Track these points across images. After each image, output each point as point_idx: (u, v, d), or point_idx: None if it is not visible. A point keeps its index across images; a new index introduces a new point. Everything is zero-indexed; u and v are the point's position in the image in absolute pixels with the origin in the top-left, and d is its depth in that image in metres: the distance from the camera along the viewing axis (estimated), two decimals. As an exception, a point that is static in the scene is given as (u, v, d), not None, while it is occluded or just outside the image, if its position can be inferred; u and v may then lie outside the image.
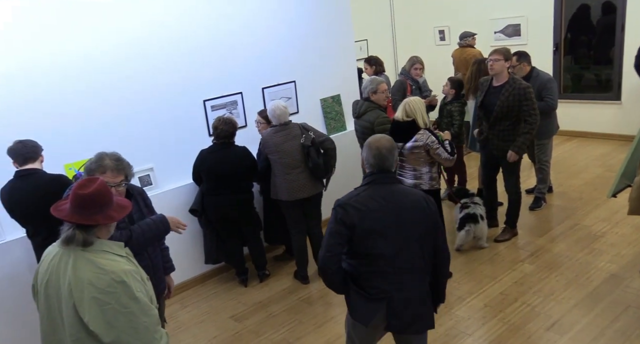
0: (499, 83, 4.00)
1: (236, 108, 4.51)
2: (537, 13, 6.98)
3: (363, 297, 2.23)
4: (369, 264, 2.21)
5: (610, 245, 4.11)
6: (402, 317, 2.23)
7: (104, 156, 2.37)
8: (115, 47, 3.75)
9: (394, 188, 2.25)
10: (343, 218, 2.16)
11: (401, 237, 2.19)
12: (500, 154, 4.12)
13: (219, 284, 4.33)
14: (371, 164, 2.26)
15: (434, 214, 2.27)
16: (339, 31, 5.17)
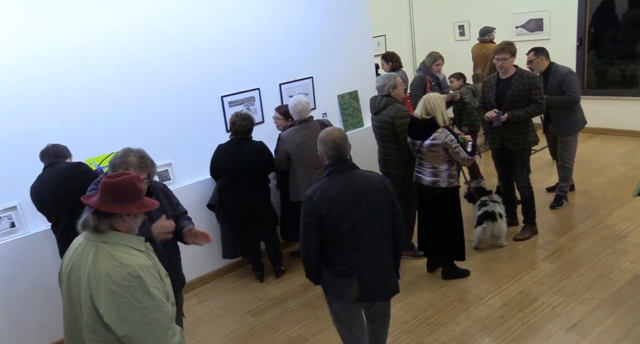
0: (507, 76, 4.04)
1: (253, 104, 4.51)
2: (560, 7, 6.82)
3: (335, 274, 2.51)
4: (338, 244, 2.47)
5: (634, 245, 4.00)
6: (371, 287, 2.51)
7: (129, 152, 2.40)
8: (135, 44, 3.78)
9: (353, 174, 2.51)
10: (312, 211, 2.44)
11: (364, 217, 2.45)
12: (514, 147, 4.11)
13: (236, 279, 4.36)
14: (330, 156, 2.49)
15: (391, 194, 2.54)
16: (357, 27, 5.13)
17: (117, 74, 3.73)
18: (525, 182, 4.27)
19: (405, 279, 4.00)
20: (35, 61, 3.38)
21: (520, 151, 4.14)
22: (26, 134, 3.37)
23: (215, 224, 4.25)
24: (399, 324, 3.44)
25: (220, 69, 4.26)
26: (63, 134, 3.50)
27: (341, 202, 2.43)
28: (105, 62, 3.66)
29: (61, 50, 3.47)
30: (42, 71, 3.41)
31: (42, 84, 3.42)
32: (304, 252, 2.54)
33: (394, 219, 2.56)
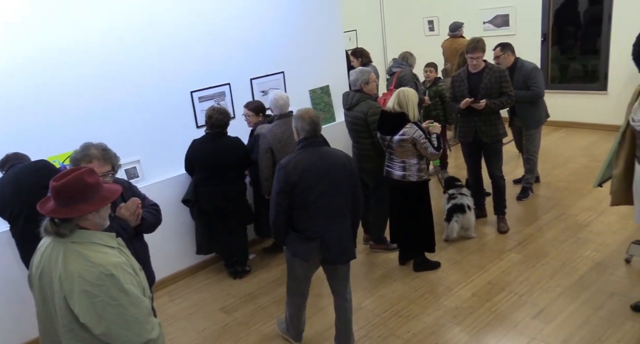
0: (477, 70, 4.15)
1: (224, 99, 4.46)
2: (525, 3, 6.99)
3: (302, 239, 2.81)
4: (306, 211, 2.76)
5: (595, 234, 4.16)
6: (333, 251, 2.82)
7: (90, 145, 2.34)
8: (100, 39, 3.68)
9: (324, 149, 2.81)
10: (286, 178, 2.70)
11: (330, 189, 2.76)
12: (488, 139, 4.22)
13: (209, 276, 4.32)
14: (307, 131, 2.78)
15: (353, 170, 2.86)
16: (328, 21, 5.13)
17: (82, 69, 3.62)
18: (500, 173, 4.39)
19: (378, 273, 4.06)
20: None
21: (494, 142, 4.26)
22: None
23: (187, 221, 4.21)
24: (372, 317, 3.49)
25: (189, 64, 4.19)
26: (25, 132, 3.38)
27: (312, 173, 2.71)
28: (68, 57, 3.55)
29: (24, 49, 3.34)
30: (5, 70, 3.28)
31: (4, 82, 3.29)
32: (274, 217, 2.80)
33: (354, 191, 2.87)
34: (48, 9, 3.42)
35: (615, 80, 6.40)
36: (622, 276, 3.55)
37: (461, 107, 4.14)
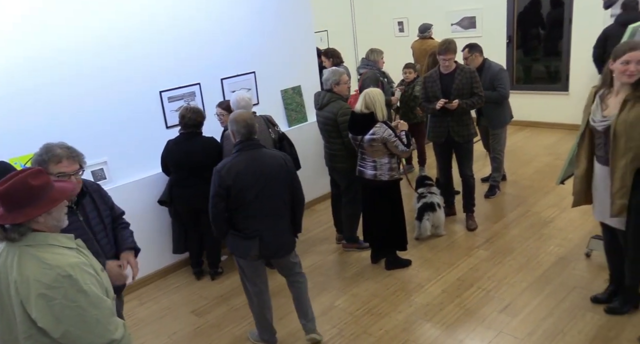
0: (449, 71, 4.22)
1: (194, 99, 4.41)
2: (490, 7, 7.17)
3: (240, 237, 2.94)
4: (244, 211, 2.89)
5: (558, 230, 4.32)
6: (270, 248, 2.98)
7: (53, 145, 2.25)
8: (66, 37, 3.58)
9: (259, 152, 2.91)
10: (220, 182, 2.84)
11: (267, 189, 2.88)
12: (460, 139, 4.31)
13: (180, 279, 4.27)
14: (242, 134, 2.89)
15: (291, 170, 2.99)
16: (299, 22, 5.14)
17: (45, 70, 3.51)
18: (470, 172, 4.50)
19: (351, 271, 4.10)
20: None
21: (466, 142, 4.35)
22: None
23: (159, 223, 4.15)
24: (344, 315, 3.52)
25: (158, 64, 4.13)
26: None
27: (247, 175, 2.84)
28: (33, 54, 3.44)
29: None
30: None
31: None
32: (213, 217, 2.94)
33: (293, 191, 3.01)
34: (13, 14, 3.31)
35: (576, 81, 6.65)
36: (582, 269, 3.69)
37: (437, 108, 4.19)
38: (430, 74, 4.37)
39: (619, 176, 2.70)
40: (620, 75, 2.64)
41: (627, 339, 2.94)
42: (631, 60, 2.58)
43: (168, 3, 4.13)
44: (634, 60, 2.57)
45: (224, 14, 4.52)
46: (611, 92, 2.77)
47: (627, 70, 2.61)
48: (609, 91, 2.78)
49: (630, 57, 2.58)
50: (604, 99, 2.79)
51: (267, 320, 3.22)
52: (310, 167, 5.04)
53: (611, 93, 2.77)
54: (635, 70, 2.59)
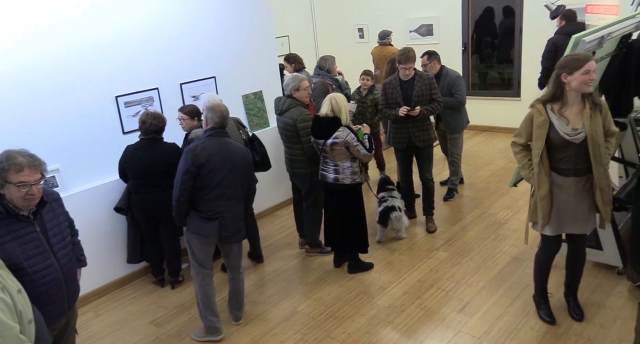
0: (408, 78, 4.31)
1: (152, 104, 4.32)
2: (447, 15, 7.41)
3: (203, 218, 3.13)
4: (208, 193, 3.10)
5: (512, 230, 4.50)
6: (229, 229, 3.19)
7: (14, 152, 2.14)
8: (18, 41, 3.43)
9: (227, 140, 3.19)
10: (193, 160, 3.03)
11: (231, 174, 3.13)
12: (421, 144, 4.40)
13: (138, 289, 4.15)
14: (216, 122, 3.15)
15: (250, 161, 3.29)
16: (259, 27, 5.13)
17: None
18: (430, 176, 4.61)
19: (313, 276, 4.11)
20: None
21: (427, 147, 4.45)
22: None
23: (114, 231, 4.03)
24: (307, 320, 3.52)
25: (114, 68, 4.02)
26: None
27: (217, 158, 3.08)
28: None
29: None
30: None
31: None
32: (178, 195, 3.09)
33: (249, 179, 3.31)
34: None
35: (527, 87, 6.95)
36: (535, 268, 3.86)
37: (400, 116, 4.25)
38: (390, 81, 4.43)
39: (605, 184, 2.80)
40: (582, 86, 2.70)
41: (575, 334, 3.09)
42: (590, 70, 2.69)
43: (125, 7, 4.03)
44: (592, 69, 2.69)
45: (182, 18, 4.46)
46: (564, 105, 2.80)
47: (589, 80, 2.69)
48: (561, 104, 2.80)
49: (590, 66, 2.68)
50: (561, 113, 2.81)
51: (212, 304, 3.35)
52: (272, 172, 5.02)
53: (565, 106, 2.80)
54: (594, 79, 2.71)
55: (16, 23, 3.44)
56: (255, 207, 4.57)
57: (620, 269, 3.59)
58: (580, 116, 2.78)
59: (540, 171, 2.86)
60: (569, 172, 2.87)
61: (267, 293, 3.94)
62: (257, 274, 4.24)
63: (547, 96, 2.85)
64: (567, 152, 2.83)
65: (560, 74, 2.75)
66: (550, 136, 2.81)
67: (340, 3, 8.48)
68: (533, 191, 2.97)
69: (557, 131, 2.80)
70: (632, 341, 2.96)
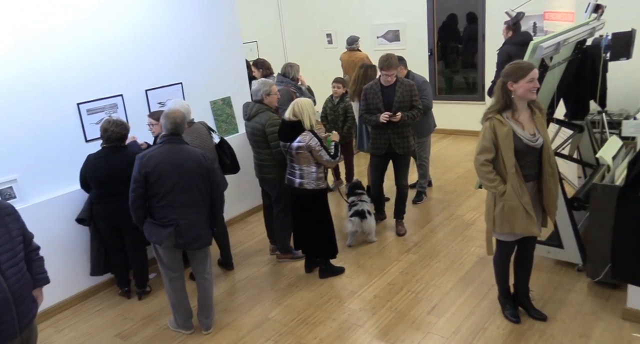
0: (389, 84, 4.29)
1: (116, 111, 4.22)
2: (413, 21, 7.55)
3: (157, 225, 3.16)
4: (161, 200, 3.13)
5: (479, 231, 4.60)
6: (186, 237, 3.19)
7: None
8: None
9: (181, 147, 3.20)
10: (140, 167, 3.09)
11: (184, 182, 3.13)
12: (401, 151, 4.40)
13: (102, 301, 4.04)
14: (169, 129, 3.18)
15: (209, 167, 3.26)
16: (227, 32, 5.10)
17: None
18: (406, 182, 4.63)
19: (285, 282, 4.09)
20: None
21: (406, 154, 4.45)
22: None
23: (75, 243, 3.91)
24: (279, 327, 3.50)
25: (75, 75, 3.92)
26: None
27: (166, 165, 3.10)
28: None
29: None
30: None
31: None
32: (131, 201, 3.16)
33: (212, 187, 3.27)
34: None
35: (491, 92, 7.14)
36: (501, 268, 3.95)
37: (382, 122, 4.19)
38: (371, 86, 4.36)
39: (552, 183, 2.90)
40: (527, 93, 2.79)
41: (539, 331, 3.18)
42: (534, 78, 2.78)
43: (86, 11, 3.94)
44: (535, 77, 2.79)
45: (146, 22, 4.39)
46: (515, 112, 2.85)
47: (534, 87, 2.78)
48: (512, 112, 2.86)
49: (534, 74, 2.78)
50: (516, 119, 2.85)
51: (184, 304, 3.43)
52: (241, 178, 4.99)
53: (516, 113, 2.85)
54: (537, 86, 2.81)
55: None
56: (225, 214, 4.52)
57: (580, 266, 3.72)
58: (531, 121, 2.87)
59: (519, 181, 2.84)
60: (531, 177, 2.93)
61: (237, 300, 3.89)
62: (228, 281, 4.18)
63: (499, 106, 2.87)
64: (529, 158, 2.87)
65: (506, 82, 2.81)
66: (515, 144, 2.82)
67: (308, 9, 8.53)
68: (495, 202, 2.95)
69: (519, 138, 2.83)
70: (592, 336, 3.07)
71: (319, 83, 6.23)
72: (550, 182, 2.93)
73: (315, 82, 6.10)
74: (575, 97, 4.25)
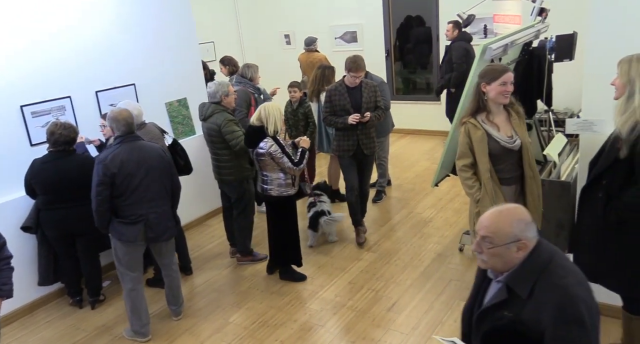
0: (355, 85, 4.24)
1: (64, 114, 4.05)
2: (370, 22, 7.65)
3: (126, 223, 3.17)
4: (128, 198, 3.14)
5: (436, 228, 4.71)
6: (156, 230, 3.24)
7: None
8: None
9: (139, 144, 3.21)
10: (105, 171, 3.06)
11: (149, 176, 3.17)
12: (369, 152, 4.37)
13: (52, 312, 3.87)
14: (122, 131, 3.16)
15: (169, 159, 3.36)
16: (181, 32, 4.99)
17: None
18: (369, 182, 4.63)
19: (245, 285, 4.04)
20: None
21: (372, 154, 4.44)
22: None
23: (21, 251, 3.71)
24: (240, 330, 3.46)
25: (17, 75, 3.73)
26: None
27: (131, 163, 3.10)
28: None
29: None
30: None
31: None
32: (96, 206, 3.11)
33: (172, 179, 3.34)
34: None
35: (444, 92, 7.33)
36: (457, 263, 4.06)
37: (352, 124, 4.11)
38: (336, 88, 4.27)
39: (535, 186, 2.88)
40: (499, 96, 2.78)
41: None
42: (507, 81, 2.76)
43: (30, 7, 3.75)
44: (508, 81, 2.77)
45: (97, 22, 4.24)
46: (490, 114, 2.84)
47: (505, 91, 2.77)
48: (487, 114, 2.84)
49: (507, 78, 2.76)
50: (492, 121, 2.83)
51: (141, 311, 3.37)
52: (200, 181, 4.90)
53: (491, 115, 2.84)
54: (510, 90, 2.79)
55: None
56: (183, 218, 4.41)
57: None
58: (508, 123, 2.84)
59: (494, 186, 2.84)
60: (510, 181, 2.89)
61: (196, 305, 3.81)
62: (186, 287, 4.09)
63: (473, 108, 2.86)
64: (508, 161, 2.85)
65: (480, 83, 2.81)
66: (490, 147, 2.80)
67: (266, 10, 8.48)
68: (474, 207, 2.94)
69: (495, 140, 2.80)
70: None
71: (278, 84, 6.17)
72: (533, 186, 2.89)
73: (274, 83, 6.05)
74: (523, 96, 4.41)
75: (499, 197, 2.87)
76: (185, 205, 4.57)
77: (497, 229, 1.68)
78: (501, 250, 1.68)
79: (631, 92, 2.22)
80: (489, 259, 1.73)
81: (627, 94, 2.24)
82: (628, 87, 2.24)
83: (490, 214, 1.73)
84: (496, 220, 1.70)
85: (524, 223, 1.69)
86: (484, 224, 1.72)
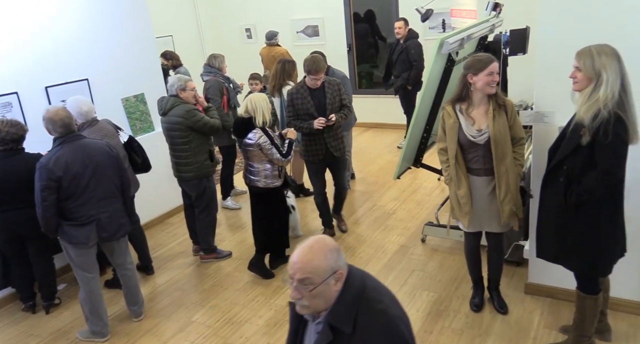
0: (316, 86, 4.07)
1: (11, 111, 3.86)
2: (331, 16, 7.65)
3: (76, 226, 3.07)
4: (77, 200, 3.04)
5: (399, 220, 4.78)
6: (109, 229, 3.17)
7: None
8: None
9: (82, 142, 3.09)
10: (49, 175, 2.93)
11: (96, 176, 3.07)
12: (338, 153, 4.23)
13: (3, 318, 3.70)
14: (60, 132, 3.03)
15: (116, 155, 3.23)
16: (136, 25, 4.84)
17: None
18: (346, 183, 4.56)
19: (209, 283, 3.98)
20: None
21: (343, 155, 4.31)
22: None
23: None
24: (203, 329, 3.41)
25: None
26: None
27: (76, 164, 2.99)
28: None
29: None
30: None
31: None
32: (43, 212, 2.99)
33: (121, 174, 3.24)
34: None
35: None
36: (420, 253, 4.14)
37: (319, 128, 3.96)
38: (297, 90, 4.08)
39: (504, 182, 2.89)
40: (486, 87, 2.80)
41: (454, 310, 3.36)
42: (494, 71, 2.80)
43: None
44: (495, 71, 2.81)
45: (44, 13, 4.04)
46: (470, 105, 2.87)
47: (492, 81, 2.80)
48: (468, 105, 2.87)
49: (493, 68, 2.79)
50: (468, 113, 2.87)
51: (100, 309, 3.31)
52: (160, 179, 4.78)
53: (471, 107, 2.87)
54: (497, 80, 2.83)
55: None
56: (144, 217, 4.32)
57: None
58: (486, 116, 2.88)
59: (458, 172, 2.94)
60: (480, 172, 2.94)
61: (158, 305, 3.73)
62: (148, 286, 3.99)
63: (455, 96, 2.90)
64: (476, 153, 2.90)
65: (467, 74, 2.84)
66: (459, 137, 2.88)
67: (225, 2, 8.34)
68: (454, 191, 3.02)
69: (463, 132, 2.86)
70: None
71: (240, 78, 6.09)
72: (502, 181, 2.88)
73: (237, 78, 5.95)
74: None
75: (462, 185, 2.96)
76: (146, 203, 4.47)
77: (314, 267, 1.55)
78: (322, 288, 1.55)
79: (598, 84, 2.30)
80: (310, 302, 1.57)
81: (593, 86, 2.31)
82: (594, 80, 2.31)
83: (300, 253, 1.59)
84: (310, 258, 1.56)
85: (335, 252, 1.59)
86: (298, 266, 1.56)
